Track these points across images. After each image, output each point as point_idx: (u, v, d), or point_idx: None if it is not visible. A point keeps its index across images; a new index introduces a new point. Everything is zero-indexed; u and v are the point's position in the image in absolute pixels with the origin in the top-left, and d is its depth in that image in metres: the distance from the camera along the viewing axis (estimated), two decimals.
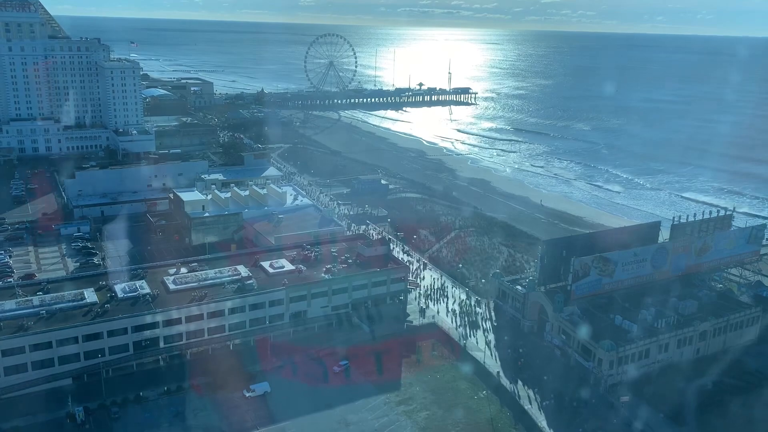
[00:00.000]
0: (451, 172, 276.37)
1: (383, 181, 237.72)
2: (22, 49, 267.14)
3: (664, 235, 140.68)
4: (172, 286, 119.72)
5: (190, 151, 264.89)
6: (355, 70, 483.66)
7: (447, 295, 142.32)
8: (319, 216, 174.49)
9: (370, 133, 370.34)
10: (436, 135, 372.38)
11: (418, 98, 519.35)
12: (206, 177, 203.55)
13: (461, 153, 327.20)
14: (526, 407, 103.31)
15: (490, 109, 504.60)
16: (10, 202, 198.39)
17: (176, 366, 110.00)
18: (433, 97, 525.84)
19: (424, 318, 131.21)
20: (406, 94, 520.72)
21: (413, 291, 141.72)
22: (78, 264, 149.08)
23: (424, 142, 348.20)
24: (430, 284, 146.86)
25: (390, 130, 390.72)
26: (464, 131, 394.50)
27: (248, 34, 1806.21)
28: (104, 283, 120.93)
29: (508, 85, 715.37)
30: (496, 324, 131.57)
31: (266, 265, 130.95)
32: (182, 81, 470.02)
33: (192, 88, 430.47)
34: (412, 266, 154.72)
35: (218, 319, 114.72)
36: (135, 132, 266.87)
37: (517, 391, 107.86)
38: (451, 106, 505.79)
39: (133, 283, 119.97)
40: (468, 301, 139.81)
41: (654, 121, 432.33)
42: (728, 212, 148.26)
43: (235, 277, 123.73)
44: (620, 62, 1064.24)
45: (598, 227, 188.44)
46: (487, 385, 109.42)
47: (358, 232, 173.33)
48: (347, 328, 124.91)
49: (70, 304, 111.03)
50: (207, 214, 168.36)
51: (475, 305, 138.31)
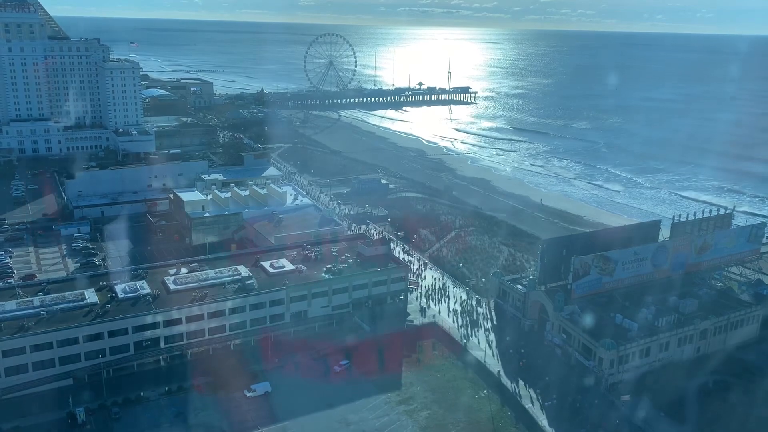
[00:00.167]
0: (451, 171, 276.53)
1: (383, 181, 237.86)
2: (21, 50, 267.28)
3: (665, 234, 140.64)
4: (173, 287, 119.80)
5: (190, 151, 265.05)
6: (355, 70, 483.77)
7: (448, 295, 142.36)
8: (320, 216, 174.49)
9: (370, 133, 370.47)
10: (436, 134, 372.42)
11: (417, 98, 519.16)
12: (206, 177, 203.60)
13: (461, 152, 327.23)
14: (527, 406, 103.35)
15: (490, 109, 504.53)
16: (10, 202, 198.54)
17: (177, 366, 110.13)
18: (433, 97, 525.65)
19: (425, 317, 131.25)
20: (406, 93, 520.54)
21: (414, 291, 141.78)
22: (78, 264, 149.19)
23: (424, 142, 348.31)
24: (432, 284, 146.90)
25: (390, 129, 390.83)
26: (464, 130, 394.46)
27: (248, 34, 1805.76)
28: (105, 283, 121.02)
29: (508, 84, 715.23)
30: (497, 323, 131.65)
31: (267, 264, 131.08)
32: (182, 81, 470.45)
33: (192, 89, 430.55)
34: (413, 266, 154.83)
35: (219, 319, 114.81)
36: (135, 132, 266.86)
37: (518, 390, 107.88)
38: (451, 106, 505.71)
39: (134, 283, 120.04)
40: (468, 301, 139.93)
41: (654, 120, 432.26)
42: (728, 211, 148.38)
43: (235, 277, 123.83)
44: (620, 61, 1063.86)
45: (599, 226, 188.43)
46: (488, 384, 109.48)
47: (359, 232, 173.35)
48: (348, 328, 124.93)
49: (71, 304, 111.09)
50: (207, 214, 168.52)
51: (475, 305, 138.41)
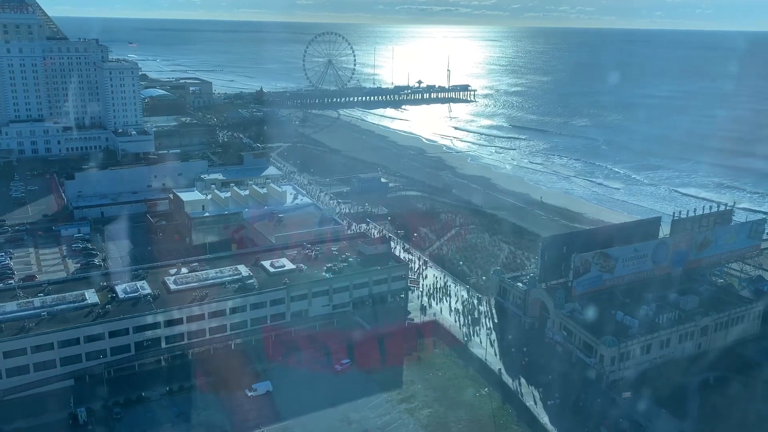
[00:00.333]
0: (451, 169, 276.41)
1: (383, 180, 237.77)
2: (20, 51, 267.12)
3: (665, 231, 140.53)
4: (173, 287, 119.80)
5: (190, 151, 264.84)
6: (354, 69, 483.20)
7: (450, 293, 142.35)
8: (320, 215, 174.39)
9: (370, 132, 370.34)
10: (436, 132, 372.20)
11: (417, 96, 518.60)
12: (206, 177, 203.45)
13: (461, 150, 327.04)
14: (528, 404, 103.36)
15: (490, 106, 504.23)
16: (10, 203, 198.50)
17: (178, 366, 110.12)
18: (432, 95, 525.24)
19: (426, 316, 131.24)
20: (405, 91, 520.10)
21: (415, 289, 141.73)
22: (79, 265, 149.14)
23: (424, 140, 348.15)
24: (433, 283, 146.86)
25: (389, 128, 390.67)
26: (463, 128, 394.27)
27: (246, 33, 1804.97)
28: (105, 284, 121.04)
29: (507, 81, 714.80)
30: (497, 321, 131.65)
31: (267, 264, 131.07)
32: (181, 81, 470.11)
33: (191, 88, 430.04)
34: (415, 265, 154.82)
35: (219, 319, 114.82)
36: (134, 132, 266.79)
37: (520, 388, 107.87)
38: (450, 104, 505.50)
39: (134, 283, 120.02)
40: (469, 299, 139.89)
41: (653, 117, 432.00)
42: (728, 207, 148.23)
43: (235, 277, 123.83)
44: (619, 58, 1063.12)
45: (599, 223, 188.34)
46: (489, 382, 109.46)
47: (359, 231, 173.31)
48: (348, 327, 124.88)
49: (72, 305, 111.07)
50: (207, 214, 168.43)
51: (476, 303, 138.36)
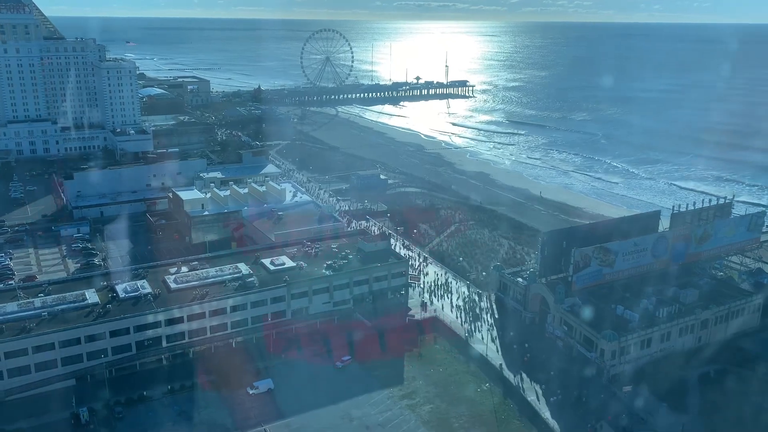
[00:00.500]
0: (450, 165, 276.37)
1: (382, 176, 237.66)
2: (17, 51, 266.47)
3: (664, 225, 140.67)
4: (174, 285, 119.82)
5: (188, 149, 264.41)
6: (352, 65, 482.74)
7: (451, 290, 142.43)
8: (319, 212, 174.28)
9: (368, 128, 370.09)
10: (434, 129, 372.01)
11: (415, 92, 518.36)
12: (205, 175, 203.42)
13: (460, 146, 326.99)
14: (530, 398, 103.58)
15: (488, 102, 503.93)
16: (9, 204, 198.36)
17: (179, 365, 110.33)
18: (431, 91, 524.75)
19: (426, 312, 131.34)
20: (403, 88, 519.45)
21: (415, 286, 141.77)
22: (79, 265, 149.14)
23: (423, 136, 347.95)
24: (434, 280, 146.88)
25: (388, 124, 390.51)
26: (462, 124, 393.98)
27: (244, 31, 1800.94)
28: (105, 283, 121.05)
29: (505, 77, 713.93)
30: (498, 316, 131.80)
31: (267, 262, 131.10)
32: (179, 80, 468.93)
33: (189, 87, 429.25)
34: (416, 262, 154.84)
35: (220, 317, 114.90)
36: (132, 132, 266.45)
37: (521, 383, 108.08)
38: (449, 100, 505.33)
39: (134, 282, 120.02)
40: (470, 295, 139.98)
41: (652, 111, 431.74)
42: (727, 200, 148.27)
43: (236, 275, 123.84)
44: (618, 52, 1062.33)
45: (598, 218, 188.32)
46: (490, 378, 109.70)
47: (359, 228, 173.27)
48: (349, 324, 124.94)
49: (72, 305, 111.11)
50: (206, 213, 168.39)
51: (477, 299, 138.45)
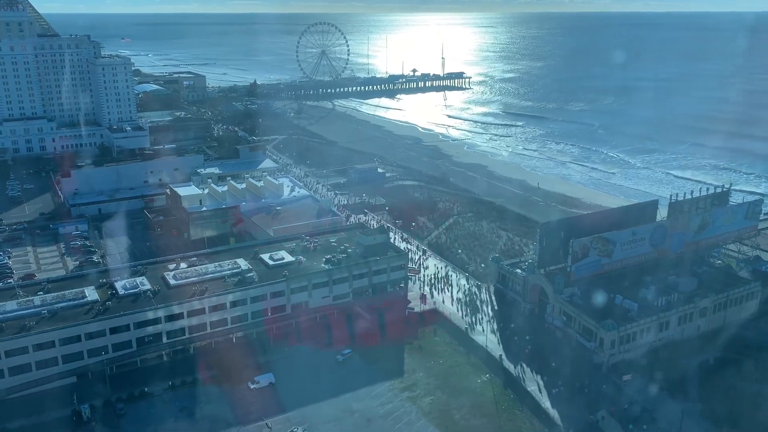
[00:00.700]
0: (448, 158, 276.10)
1: (380, 170, 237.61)
2: (11, 49, 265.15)
3: (662, 214, 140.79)
4: (173, 282, 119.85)
5: (185, 145, 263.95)
6: (348, 59, 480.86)
7: (451, 283, 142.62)
8: (317, 207, 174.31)
9: (365, 122, 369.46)
10: (431, 121, 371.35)
11: (411, 85, 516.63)
12: (202, 171, 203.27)
13: (457, 138, 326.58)
14: (530, 389, 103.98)
15: (485, 94, 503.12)
16: (6, 202, 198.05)
17: (180, 361, 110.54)
18: (427, 83, 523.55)
19: (426, 304, 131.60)
20: (400, 80, 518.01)
21: (415, 280, 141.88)
22: (77, 263, 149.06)
23: (420, 129, 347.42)
24: (435, 273, 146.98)
25: (385, 117, 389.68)
26: (459, 117, 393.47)
27: (239, 26, 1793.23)
28: (105, 280, 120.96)
29: (502, 68, 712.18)
30: (497, 308, 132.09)
31: (266, 257, 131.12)
32: (174, 75, 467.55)
33: (184, 82, 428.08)
34: (415, 255, 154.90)
35: (220, 313, 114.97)
36: (129, 128, 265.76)
37: (521, 373, 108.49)
38: (445, 92, 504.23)
39: (134, 279, 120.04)
40: (469, 287, 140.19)
41: (649, 100, 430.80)
42: (725, 189, 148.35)
43: (235, 270, 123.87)
44: (614, 42, 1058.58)
45: (596, 208, 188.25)
46: (490, 369, 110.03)
47: (357, 221, 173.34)
48: (349, 317, 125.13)
49: (72, 302, 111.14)
50: (204, 209, 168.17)
51: (476, 290, 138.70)
